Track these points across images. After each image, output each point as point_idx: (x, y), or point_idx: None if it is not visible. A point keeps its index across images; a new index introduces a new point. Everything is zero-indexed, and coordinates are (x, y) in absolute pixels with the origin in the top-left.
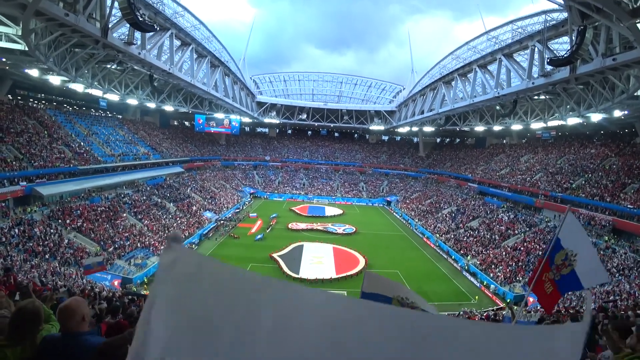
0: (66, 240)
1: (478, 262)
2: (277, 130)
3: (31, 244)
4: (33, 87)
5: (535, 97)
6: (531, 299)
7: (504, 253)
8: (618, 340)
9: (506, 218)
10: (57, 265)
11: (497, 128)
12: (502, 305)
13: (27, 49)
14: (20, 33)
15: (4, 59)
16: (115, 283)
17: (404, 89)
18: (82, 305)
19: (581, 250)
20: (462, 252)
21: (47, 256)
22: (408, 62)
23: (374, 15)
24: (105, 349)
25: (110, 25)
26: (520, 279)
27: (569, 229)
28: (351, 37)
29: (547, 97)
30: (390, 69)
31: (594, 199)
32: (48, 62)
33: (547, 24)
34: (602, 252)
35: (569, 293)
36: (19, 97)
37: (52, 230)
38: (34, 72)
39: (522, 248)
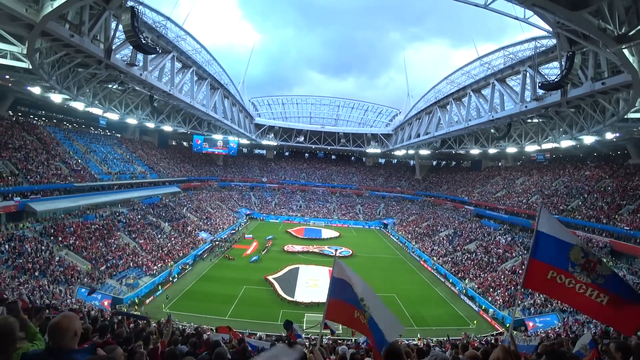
0: (57, 258)
1: (476, 286)
2: (275, 152)
3: (21, 261)
4: (34, 104)
5: (529, 120)
6: (531, 324)
7: (502, 276)
8: None
9: (503, 241)
10: (47, 283)
11: (492, 151)
12: (501, 330)
13: (30, 67)
14: (25, 52)
15: (7, 76)
16: (105, 303)
17: (400, 112)
18: (73, 321)
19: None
20: (459, 275)
21: (36, 273)
22: (406, 86)
23: (376, 42)
24: None
25: (113, 47)
26: (519, 302)
27: (552, 222)
28: (353, 62)
29: (540, 120)
30: (390, 94)
31: (591, 221)
32: (51, 80)
33: (537, 50)
34: None
35: (566, 316)
36: (20, 114)
37: (43, 247)
38: (36, 90)
39: (520, 271)
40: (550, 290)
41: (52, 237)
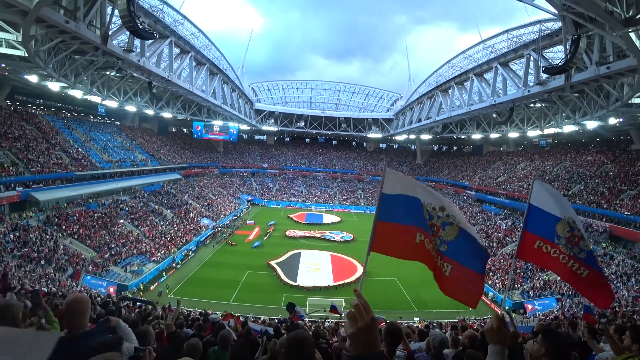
0: (62, 247)
1: None
2: (275, 137)
3: (26, 250)
4: (32, 92)
5: (532, 105)
6: (529, 306)
7: (502, 260)
8: (620, 342)
9: (504, 225)
10: (52, 271)
11: (494, 136)
12: (495, 313)
13: (27, 55)
14: (20, 39)
15: (3, 65)
16: (111, 290)
17: (401, 97)
18: (87, 302)
19: (579, 224)
20: None
21: (42, 262)
22: (412, 71)
23: (381, 25)
24: (99, 349)
25: (110, 33)
26: (519, 286)
27: (544, 196)
28: (357, 47)
29: (543, 105)
30: (395, 78)
31: (591, 206)
32: (47, 68)
33: (542, 33)
34: (600, 259)
35: (564, 299)
36: (18, 103)
37: (47, 236)
38: (33, 78)
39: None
40: (538, 259)
41: (55, 226)
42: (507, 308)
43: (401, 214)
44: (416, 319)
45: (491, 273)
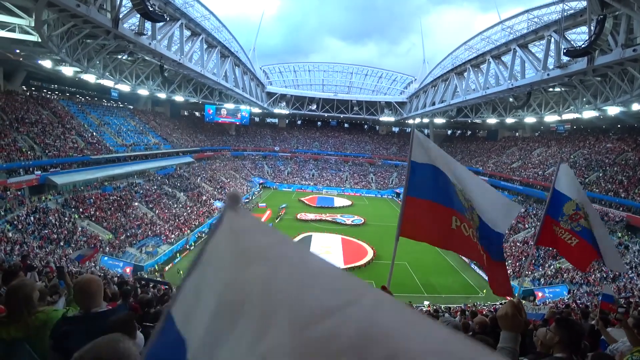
0: (80, 228)
1: None
2: (287, 120)
3: (46, 232)
4: (46, 78)
5: (550, 89)
6: (539, 294)
7: (513, 247)
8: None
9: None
10: (72, 252)
11: (509, 120)
12: (510, 299)
13: (40, 40)
14: (33, 24)
15: (17, 50)
16: (127, 270)
17: (415, 80)
18: (97, 282)
19: (589, 210)
20: None
21: (61, 243)
22: (429, 53)
23: (398, 6)
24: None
25: (120, 16)
26: (529, 273)
27: (566, 180)
28: (373, 28)
29: (563, 89)
30: (411, 60)
31: (608, 195)
32: (60, 53)
33: (565, 13)
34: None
35: (577, 289)
36: (33, 88)
37: (66, 219)
38: (47, 63)
39: (531, 242)
40: (555, 243)
41: (73, 209)
42: (516, 295)
43: (434, 190)
44: (426, 302)
45: None
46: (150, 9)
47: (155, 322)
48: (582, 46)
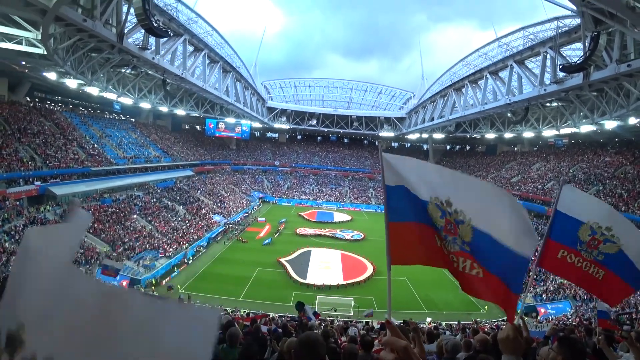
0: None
1: None
2: (287, 135)
3: None
4: (50, 89)
5: (548, 104)
6: (542, 310)
7: None
8: None
9: None
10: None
11: (508, 135)
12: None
13: (46, 53)
14: (39, 37)
15: (23, 62)
16: (124, 283)
17: (414, 95)
18: None
19: (614, 222)
20: None
21: None
22: (430, 70)
23: (400, 24)
24: None
25: (125, 31)
26: (532, 289)
27: (573, 201)
28: (376, 45)
29: (560, 104)
30: (412, 77)
31: None
32: (65, 65)
33: (560, 30)
34: None
35: (580, 304)
36: (37, 100)
37: None
38: (51, 76)
39: (533, 258)
40: (560, 269)
41: None
42: (518, 311)
43: (413, 210)
44: (428, 319)
45: None
46: (155, 25)
47: None
48: (578, 62)
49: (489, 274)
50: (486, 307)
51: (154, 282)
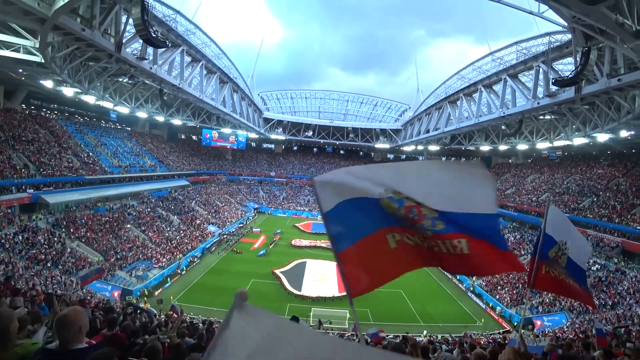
0: (69, 249)
1: (483, 283)
2: (283, 146)
3: (34, 251)
4: (47, 97)
5: (541, 117)
6: (538, 322)
7: (510, 274)
8: None
9: (512, 238)
10: (59, 273)
11: (502, 148)
12: (508, 328)
13: (43, 61)
14: (37, 46)
15: (20, 70)
16: (115, 294)
17: (409, 108)
18: (80, 316)
19: (569, 237)
20: None
21: (49, 264)
22: (427, 83)
23: (398, 39)
24: None
25: (124, 41)
26: (527, 301)
27: (554, 223)
28: (374, 59)
29: (553, 117)
30: (410, 90)
31: (602, 220)
32: (63, 74)
33: (551, 45)
34: (611, 275)
35: (576, 316)
36: (33, 107)
37: (55, 239)
38: (48, 84)
39: (528, 269)
40: (550, 285)
41: (64, 229)
42: (515, 324)
43: (361, 222)
44: (425, 332)
45: (499, 287)
46: (153, 36)
47: (140, 356)
48: (570, 76)
49: (474, 239)
50: (482, 319)
51: (146, 292)
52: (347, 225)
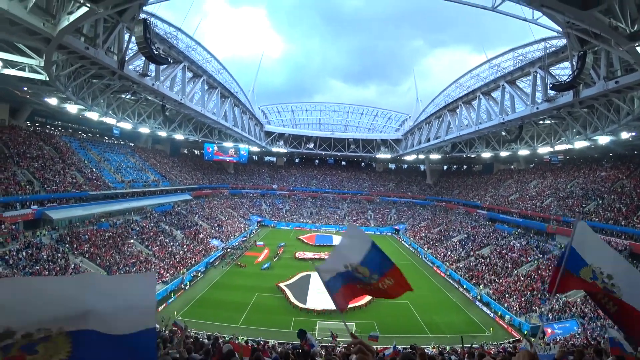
0: (72, 265)
1: (491, 292)
2: (285, 159)
3: (37, 267)
4: (51, 114)
5: (541, 122)
6: (549, 330)
7: (517, 282)
8: None
9: (518, 245)
10: None
11: (504, 154)
12: (518, 337)
13: (48, 79)
14: (42, 64)
15: (25, 88)
16: None
17: (409, 117)
18: None
19: (614, 270)
20: (473, 281)
21: None
22: (427, 92)
23: (398, 49)
24: None
25: (126, 58)
26: (536, 309)
27: (583, 239)
28: (374, 70)
29: (553, 121)
30: (411, 99)
31: (609, 223)
32: (67, 91)
33: (547, 51)
34: None
35: (588, 323)
36: (37, 124)
37: (59, 255)
38: (52, 101)
39: (536, 276)
40: (590, 287)
41: (67, 245)
42: (525, 333)
43: (336, 283)
44: (433, 343)
45: (507, 295)
46: (155, 53)
47: None
48: (567, 81)
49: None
50: (491, 329)
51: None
52: (333, 285)
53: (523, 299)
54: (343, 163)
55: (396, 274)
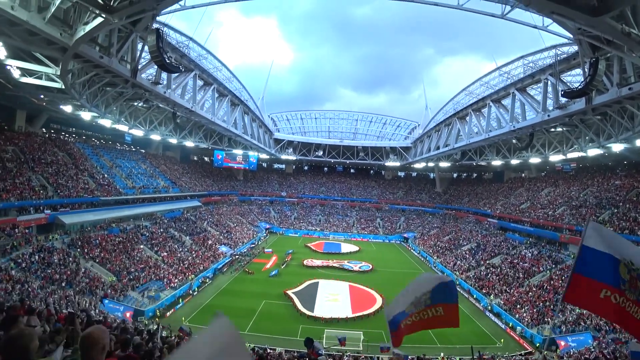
0: (83, 269)
1: (502, 302)
2: (294, 166)
3: (49, 271)
4: (66, 121)
5: (552, 130)
6: (562, 343)
7: (529, 292)
8: None
9: (529, 254)
10: (72, 293)
11: (514, 162)
12: (530, 350)
13: (63, 87)
14: (58, 73)
15: (42, 96)
16: (128, 315)
17: (418, 125)
18: (104, 335)
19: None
20: (484, 291)
21: (63, 284)
22: (437, 100)
23: (409, 58)
24: None
25: (139, 67)
26: (549, 320)
27: (601, 237)
28: (385, 78)
29: (565, 129)
30: (421, 107)
31: (624, 233)
32: (81, 99)
33: (558, 58)
34: None
35: (602, 336)
36: (52, 131)
37: (70, 259)
38: (67, 108)
39: (548, 287)
40: (602, 310)
41: (78, 249)
42: (537, 345)
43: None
44: (442, 353)
45: (518, 306)
46: (167, 61)
47: None
48: (579, 87)
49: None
50: (502, 340)
51: (158, 313)
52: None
53: (535, 310)
54: (352, 171)
55: (452, 309)
